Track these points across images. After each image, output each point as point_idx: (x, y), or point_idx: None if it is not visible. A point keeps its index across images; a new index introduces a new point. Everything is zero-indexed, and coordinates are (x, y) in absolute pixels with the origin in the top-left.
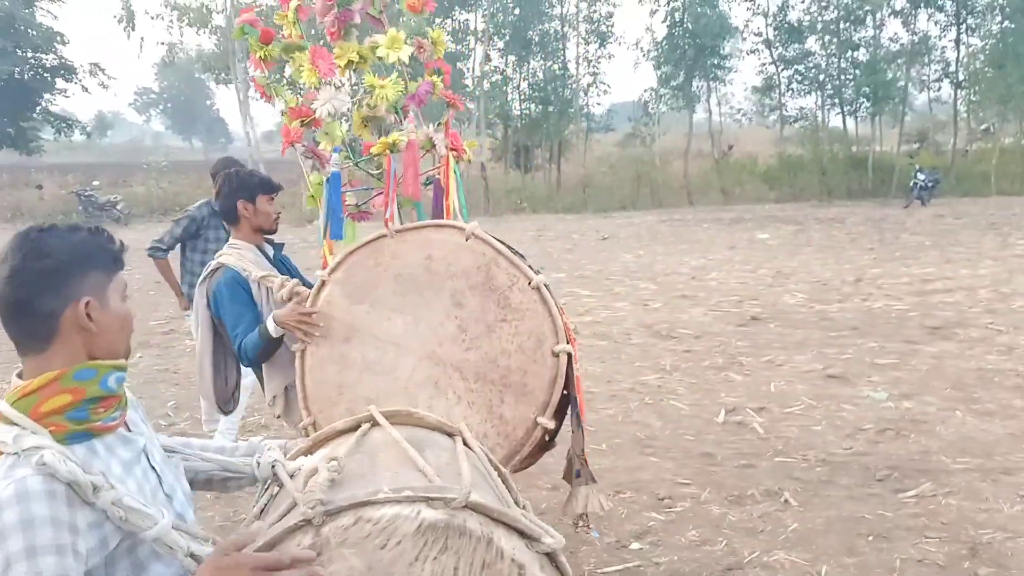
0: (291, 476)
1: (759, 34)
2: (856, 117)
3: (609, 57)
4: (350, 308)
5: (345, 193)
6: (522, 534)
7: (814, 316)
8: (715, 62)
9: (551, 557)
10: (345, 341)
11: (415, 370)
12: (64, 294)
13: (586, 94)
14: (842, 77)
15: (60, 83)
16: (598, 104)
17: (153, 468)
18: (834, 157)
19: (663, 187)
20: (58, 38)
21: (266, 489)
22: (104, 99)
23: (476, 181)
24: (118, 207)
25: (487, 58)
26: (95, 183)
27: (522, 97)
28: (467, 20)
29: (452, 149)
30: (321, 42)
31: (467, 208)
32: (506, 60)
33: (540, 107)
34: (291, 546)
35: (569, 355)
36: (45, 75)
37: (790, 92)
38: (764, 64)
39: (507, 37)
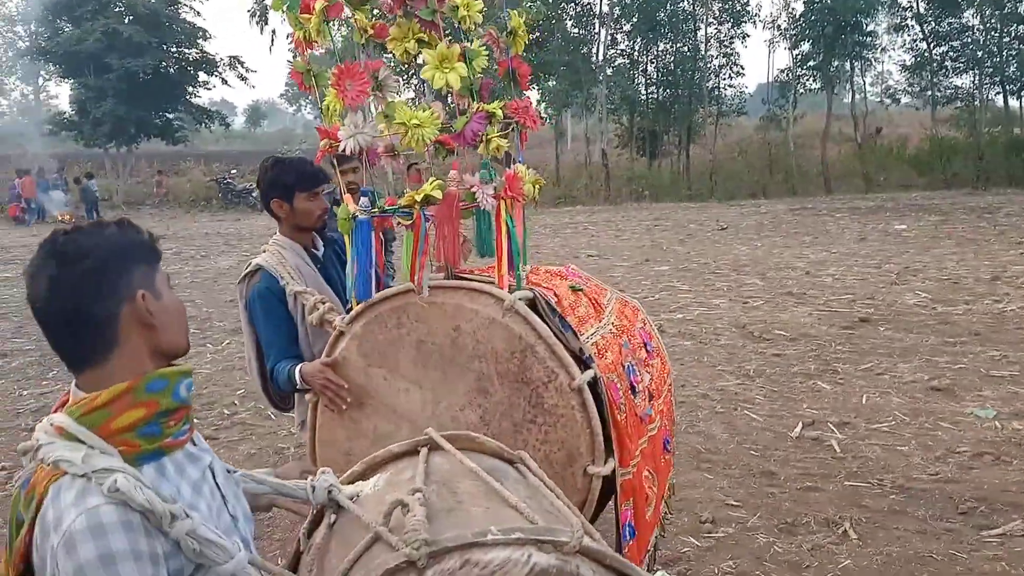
0: (352, 501)
1: (909, 8)
2: (1020, 97)
3: (743, 37)
4: (366, 370)
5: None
6: None
7: (933, 319)
8: (857, 39)
9: None
10: (358, 407)
11: None
12: (117, 293)
13: (717, 76)
14: (1004, 53)
15: (202, 76)
16: (730, 87)
17: (218, 487)
18: (993, 140)
19: (798, 174)
20: (200, 33)
21: (318, 514)
22: (262, 90)
23: (597, 169)
24: (253, 194)
25: (613, 41)
26: (233, 171)
27: (649, 81)
28: (590, 4)
29: (506, 196)
30: (376, 16)
31: (526, 253)
32: (633, 43)
33: (668, 91)
34: None
35: (609, 476)
36: (188, 69)
37: (943, 70)
38: (915, 40)
39: (634, 19)
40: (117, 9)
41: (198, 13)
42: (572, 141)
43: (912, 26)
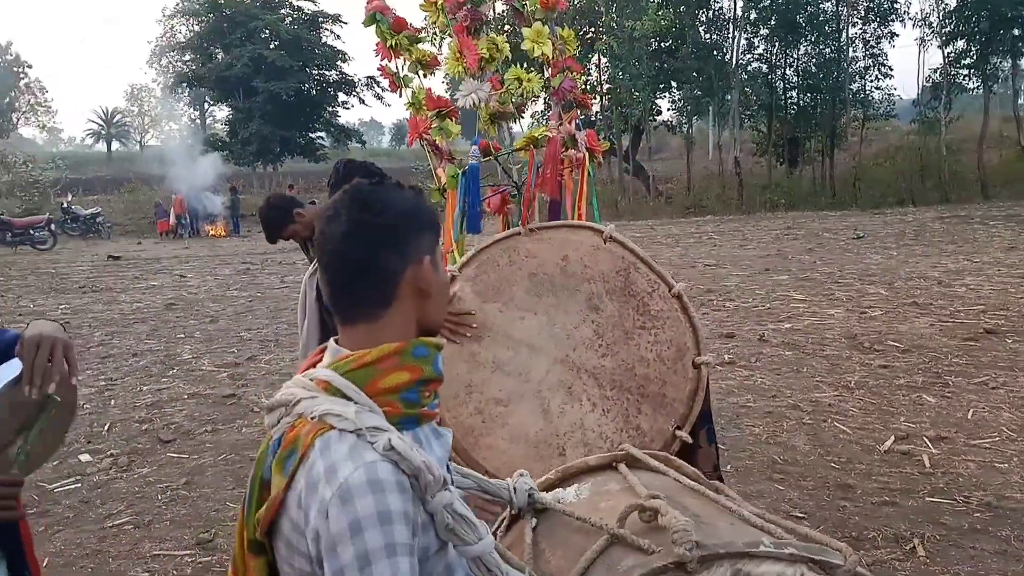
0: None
1: None
2: None
3: (891, 36)
4: (481, 306)
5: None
6: None
7: None
8: (1017, 34)
9: None
10: (476, 340)
11: (548, 373)
12: (405, 252)
13: (863, 78)
14: None
15: (342, 96)
16: (877, 89)
17: (449, 472)
18: None
19: (952, 179)
20: (340, 56)
21: (515, 517)
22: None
23: (730, 177)
24: None
25: (749, 46)
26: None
27: (788, 85)
28: (723, 9)
29: (589, 149)
30: (448, 37)
31: (599, 212)
32: (770, 47)
33: (810, 95)
34: None
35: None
36: (329, 90)
37: None
38: None
39: (772, 22)
40: (264, 36)
41: (338, 36)
42: (704, 150)
43: None
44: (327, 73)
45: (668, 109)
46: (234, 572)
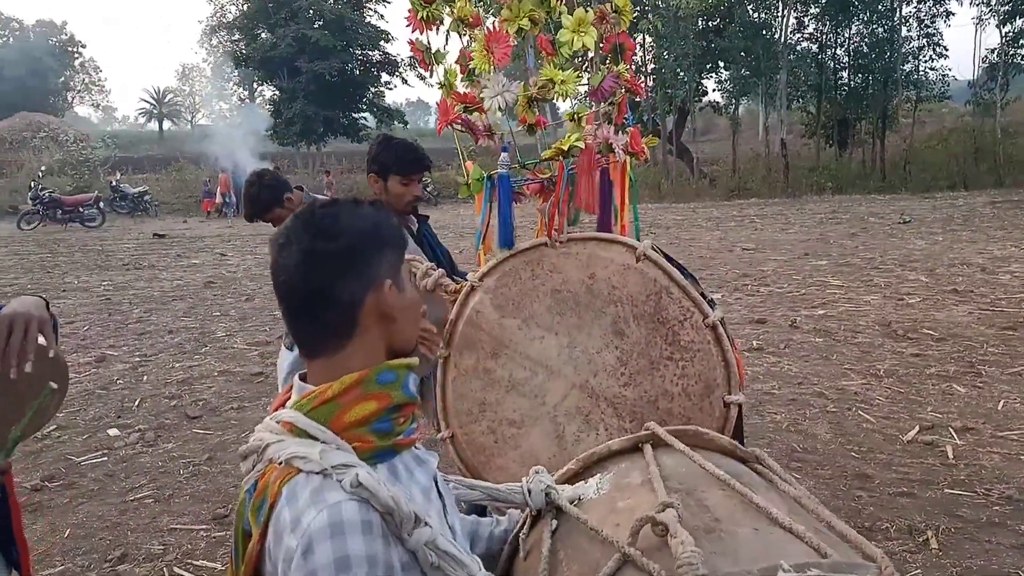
0: (574, 505)
1: None
2: None
3: (947, 15)
4: (500, 321)
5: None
6: None
7: None
8: None
9: None
10: (492, 356)
11: (565, 398)
12: (364, 278)
13: (916, 59)
14: None
15: (384, 77)
16: (932, 70)
17: (440, 495)
18: None
19: (1008, 163)
20: (383, 36)
21: (535, 518)
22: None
23: (776, 160)
24: (427, 189)
25: (798, 25)
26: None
27: (839, 66)
28: None
29: (630, 150)
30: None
31: (639, 220)
32: (821, 26)
33: (861, 76)
34: None
35: (740, 405)
36: (372, 70)
37: None
38: None
39: (822, 1)
40: (308, 15)
41: (381, 16)
42: (750, 131)
43: None
44: (370, 53)
45: (714, 90)
46: None
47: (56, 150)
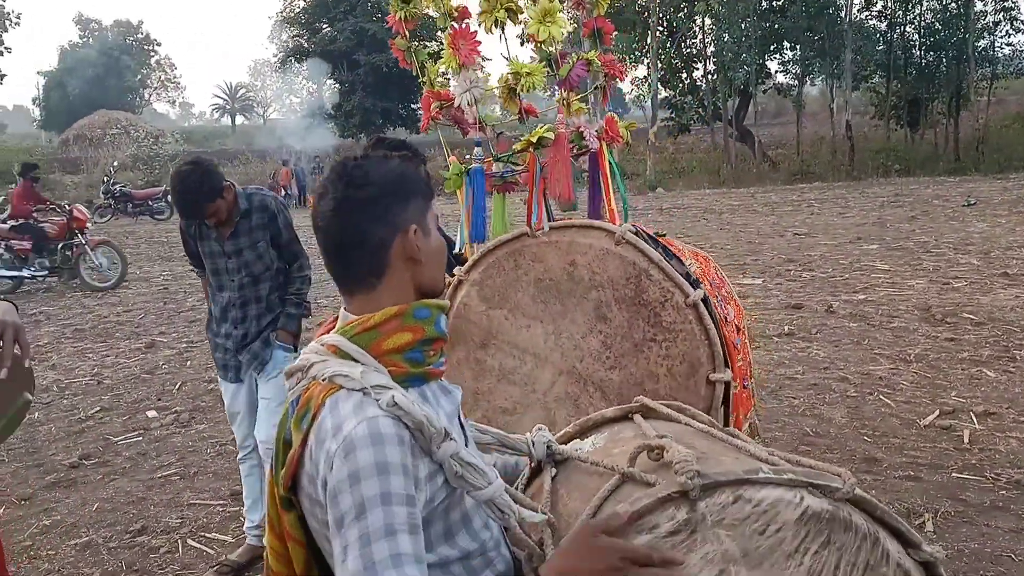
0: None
1: None
2: None
3: None
4: (487, 312)
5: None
6: (901, 538)
7: None
8: None
9: (929, 568)
10: (481, 347)
11: (554, 384)
12: (392, 223)
13: (991, 34)
14: None
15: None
16: (1008, 45)
17: (463, 426)
18: None
19: None
20: (439, 26)
21: (535, 470)
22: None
23: (841, 142)
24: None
25: (866, 3)
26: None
27: (908, 44)
28: None
29: (606, 138)
30: None
31: (628, 202)
32: (890, 3)
33: (932, 54)
34: (662, 519)
35: (728, 383)
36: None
37: None
38: None
39: None
40: (366, 8)
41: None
42: (823, 113)
43: None
44: (427, 44)
45: (778, 72)
46: (270, 527)
47: (129, 146)
